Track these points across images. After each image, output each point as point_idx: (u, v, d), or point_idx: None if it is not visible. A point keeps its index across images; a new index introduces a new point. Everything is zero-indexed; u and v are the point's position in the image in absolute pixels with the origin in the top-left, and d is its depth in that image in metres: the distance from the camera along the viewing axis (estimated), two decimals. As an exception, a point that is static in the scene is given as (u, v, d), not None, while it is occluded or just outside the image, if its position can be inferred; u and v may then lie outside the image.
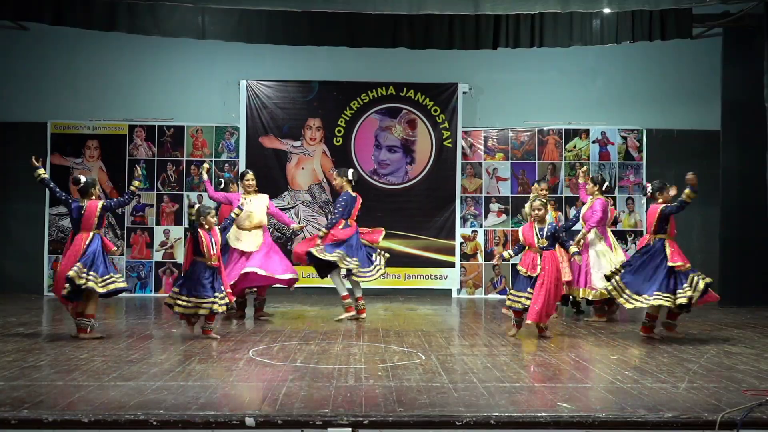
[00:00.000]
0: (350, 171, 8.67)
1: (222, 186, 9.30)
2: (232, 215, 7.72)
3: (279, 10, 9.28)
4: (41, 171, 7.21)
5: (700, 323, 8.41)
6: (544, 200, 7.68)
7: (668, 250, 7.14)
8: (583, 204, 8.98)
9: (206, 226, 7.15)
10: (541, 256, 7.29)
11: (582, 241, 8.53)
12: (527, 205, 7.68)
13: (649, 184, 7.61)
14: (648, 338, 7.26)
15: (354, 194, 8.57)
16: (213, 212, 7.25)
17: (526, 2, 8.74)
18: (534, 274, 7.25)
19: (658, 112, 11.95)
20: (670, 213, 7.22)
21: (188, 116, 11.78)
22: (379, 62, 11.52)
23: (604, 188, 8.90)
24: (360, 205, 8.60)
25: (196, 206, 7.45)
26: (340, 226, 8.39)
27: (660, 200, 7.37)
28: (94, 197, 7.17)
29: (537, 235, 7.36)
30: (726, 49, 10.75)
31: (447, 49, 10.33)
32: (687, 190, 7.09)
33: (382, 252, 8.67)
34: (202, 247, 7.05)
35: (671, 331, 7.41)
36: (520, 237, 7.55)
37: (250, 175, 8.75)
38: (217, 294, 7.04)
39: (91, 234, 7.02)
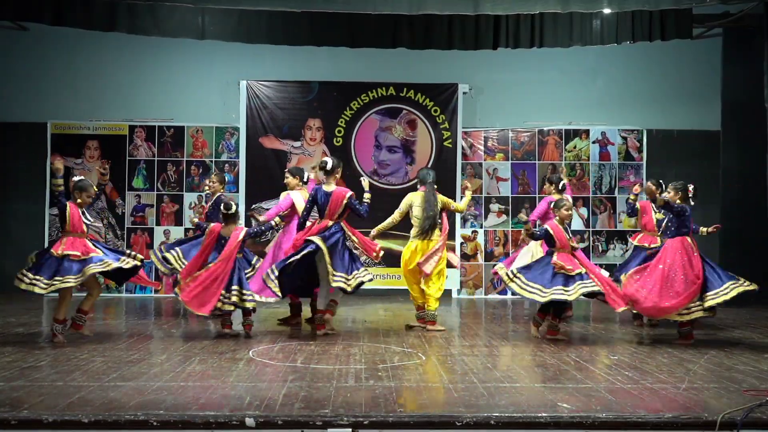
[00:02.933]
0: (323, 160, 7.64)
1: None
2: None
3: (279, 10, 9.28)
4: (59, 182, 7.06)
5: (700, 323, 8.40)
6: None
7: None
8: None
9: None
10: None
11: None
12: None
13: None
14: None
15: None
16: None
17: (526, 2, 8.74)
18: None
19: (658, 112, 11.95)
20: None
21: (188, 116, 11.78)
22: (379, 62, 11.52)
23: (560, 187, 8.74)
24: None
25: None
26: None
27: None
28: (79, 200, 7.10)
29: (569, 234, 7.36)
30: (726, 49, 10.76)
31: (447, 50, 10.33)
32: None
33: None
34: None
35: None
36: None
37: (286, 173, 8.39)
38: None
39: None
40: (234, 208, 7.54)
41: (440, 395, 4.83)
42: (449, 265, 8.42)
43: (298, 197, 8.06)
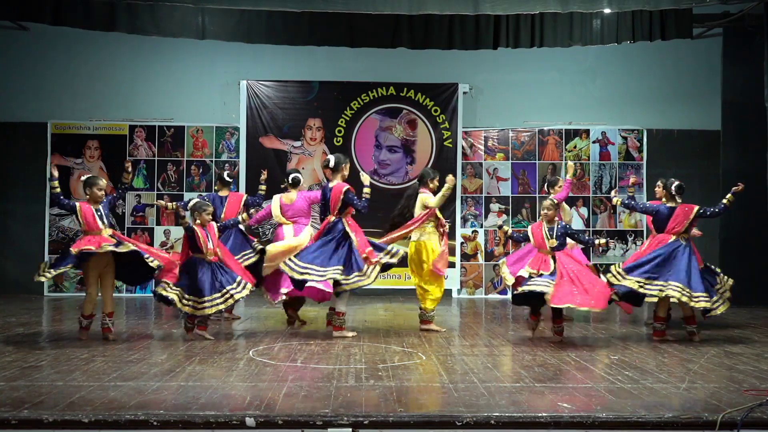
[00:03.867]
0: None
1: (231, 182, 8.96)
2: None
3: (279, 10, 9.27)
4: (55, 184, 7.10)
5: (700, 323, 8.39)
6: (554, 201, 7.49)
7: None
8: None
9: (200, 222, 7.23)
10: (553, 258, 7.12)
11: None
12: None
13: (673, 185, 7.41)
14: (661, 341, 7.16)
15: None
16: (209, 209, 7.31)
17: (526, 2, 8.74)
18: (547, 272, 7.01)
19: (658, 112, 11.95)
20: (710, 216, 7.28)
21: (188, 116, 11.78)
22: (379, 62, 11.52)
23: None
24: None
25: (192, 201, 7.48)
26: None
27: (679, 201, 7.35)
28: (89, 197, 7.07)
29: (546, 235, 7.26)
30: (726, 49, 10.75)
31: (447, 49, 10.34)
32: (730, 195, 7.22)
33: None
34: (200, 243, 7.10)
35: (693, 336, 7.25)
36: (530, 237, 7.38)
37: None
38: (215, 295, 7.04)
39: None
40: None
41: (440, 395, 4.83)
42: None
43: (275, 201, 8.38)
